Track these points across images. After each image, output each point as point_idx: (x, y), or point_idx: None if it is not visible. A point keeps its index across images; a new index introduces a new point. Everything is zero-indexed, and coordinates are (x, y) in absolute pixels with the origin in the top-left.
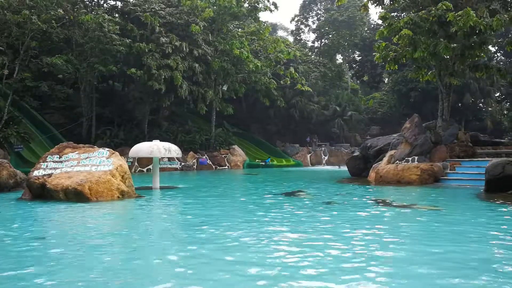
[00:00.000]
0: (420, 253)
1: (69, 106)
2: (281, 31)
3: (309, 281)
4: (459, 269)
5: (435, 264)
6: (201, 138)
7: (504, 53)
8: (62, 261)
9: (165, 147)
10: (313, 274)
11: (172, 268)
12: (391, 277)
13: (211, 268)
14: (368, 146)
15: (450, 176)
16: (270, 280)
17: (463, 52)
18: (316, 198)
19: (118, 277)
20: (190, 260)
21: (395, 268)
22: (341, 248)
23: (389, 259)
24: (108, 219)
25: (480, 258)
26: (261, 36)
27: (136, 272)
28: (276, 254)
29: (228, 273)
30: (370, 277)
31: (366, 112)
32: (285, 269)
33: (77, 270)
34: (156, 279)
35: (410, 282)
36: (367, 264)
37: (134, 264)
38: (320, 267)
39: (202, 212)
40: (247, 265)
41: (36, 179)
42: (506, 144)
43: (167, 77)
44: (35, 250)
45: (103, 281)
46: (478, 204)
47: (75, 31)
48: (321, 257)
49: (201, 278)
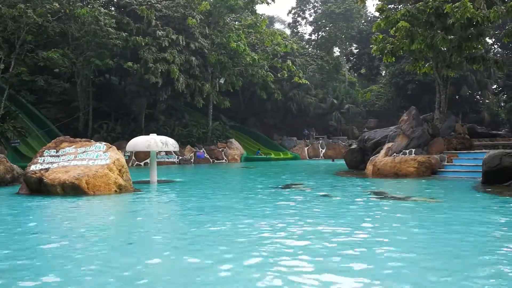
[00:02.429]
0: (418, 244)
1: (66, 100)
2: (278, 23)
3: (308, 268)
4: (453, 258)
5: (431, 255)
6: (198, 132)
7: (501, 45)
8: (58, 255)
9: (162, 140)
10: (310, 264)
11: (168, 261)
12: (385, 268)
13: (208, 260)
14: (366, 138)
15: (447, 168)
16: (264, 269)
17: (460, 44)
18: (313, 190)
19: (114, 272)
20: (188, 253)
21: (388, 259)
22: (336, 241)
23: (385, 249)
24: (105, 213)
25: (478, 251)
26: (258, 29)
27: (132, 266)
28: (274, 246)
29: (228, 271)
30: (362, 269)
31: (364, 105)
32: (283, 260)
33: (73, 264)
34: (152, 273)
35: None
36: (363, 255)
37: (130, 258)
38: (316, 259)
39: (199, 206)
40: (246, 258)
41: (33, 173)
42: (503, 136)
43: (163, 70)
44: (31, 244)
45: (99, 276)
46: (475, 195)
47: (71, 24)
48: (317, 249)
49: (198, 269)
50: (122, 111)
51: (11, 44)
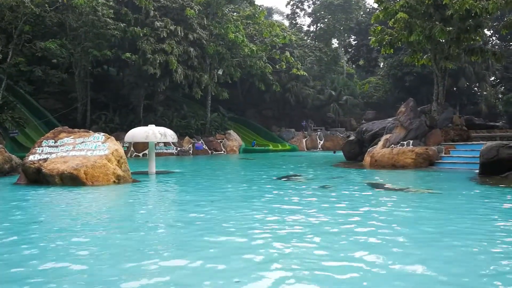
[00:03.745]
0: (414, 234)
1: (64, 91)
2: (277, 15)
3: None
4: (449, 248)
5: (427, 245)
6: (197, 123)
7: (499, 37)
8: (55, 245)
9: (161, 132)
10: (310, 251)
11: (166, 252)
12: (384, 254)
13: (205, 251)
14: (363, 130)
15: (444, 159)
16: (260, 264)
17: (459, 35)
18: (311, 181)
19: (111, 262)
20: (185, 244)
21: (387, 248)
22: (332, 231)
23: (382, 239)
24: (104, 204)
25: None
26: (256, 20)
27: (130, 257)
28: (272, 235)
29: (234, 261)
30: (362, 256)
31: (362, 96)
32: (280, 251)
33: (69, 255)
34: (149, 264)
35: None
36: (360, 245)
37: (128, 248)
38: (309, 245)
39: (198, 196)
40: (251, 249)
41: (31, 163)
42: (501, 128)
43: (162, 61)
44: (29, 234)
45: (95, 267)
46: (472, 186)
47: (68, 15)
48: (316, 237)
49: (195, 259)
50: (120, 102)
51: (9, 34)
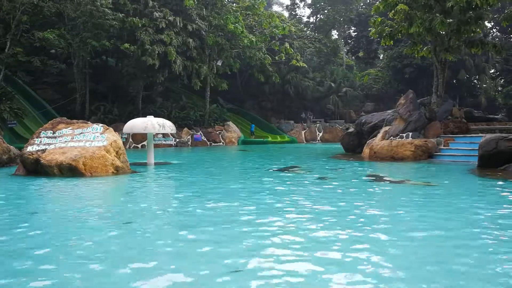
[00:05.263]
0: (412, 228)
1: (62, 81)
2: (276, 6)
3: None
4: (447, 239)
5: (424, 237)
6: (196, 114)
7: (499, 29)
8: (52, 236)
9: (159, 123)
10: (309, 243)
11: (164, 243)
12: (382, 246)
13: (202, 241)
14: (363, 122)
15: (443, 152)
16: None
17: (459, 27)
18: (310, 173)
19: (109, 253)
20: (183, 235)
21: (384, 240)
22: (331, 222)
23: (380, 231)
24: (102, 194)
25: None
26: (256, 11)
27: (128, 247)
28: (269, 227)
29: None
30: (358, 248)
31: (361, 88)
32: (278, 243)
33: (66, 246)
34: (148, 256)
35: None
36: (358, 237)
37: (126, 239)
38: (308, 235)
39: (196, 187)
40: (249, 237)
41: (30, 154)
42: (500, 120)
43: (160, 52)
44: (25, 225)
45: (94, 257)
46: (471, 179)
47: (66, 5)
48: (312, 229)
49: (192, 251)
50: (119, 93)
51: (7, 24)
